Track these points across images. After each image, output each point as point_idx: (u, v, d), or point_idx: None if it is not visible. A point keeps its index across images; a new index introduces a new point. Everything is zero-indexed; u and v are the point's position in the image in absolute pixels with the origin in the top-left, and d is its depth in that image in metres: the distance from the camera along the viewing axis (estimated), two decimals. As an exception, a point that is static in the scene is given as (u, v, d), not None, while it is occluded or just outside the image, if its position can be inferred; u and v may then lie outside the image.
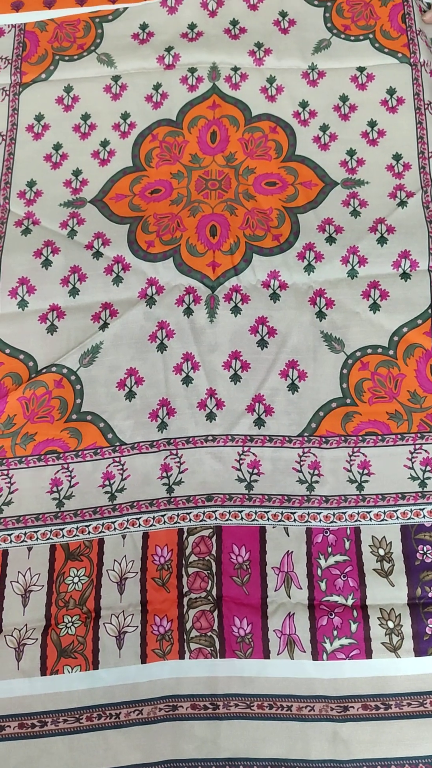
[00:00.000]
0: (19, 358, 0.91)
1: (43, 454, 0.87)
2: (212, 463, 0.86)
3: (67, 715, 0.77)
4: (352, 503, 0.83)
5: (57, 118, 1.03)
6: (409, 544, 0.81)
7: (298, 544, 0.82)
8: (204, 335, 0.91)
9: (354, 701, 0.76)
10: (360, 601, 0.79)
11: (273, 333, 0.90)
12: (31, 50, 1.06)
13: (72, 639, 0.79)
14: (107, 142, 1.01)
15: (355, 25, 1.04)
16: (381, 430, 0.85)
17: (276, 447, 0.86)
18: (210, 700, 0.77)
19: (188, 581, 0.81)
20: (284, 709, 0.76)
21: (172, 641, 0.79)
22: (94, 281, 0.94)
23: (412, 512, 0.82)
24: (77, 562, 0.83)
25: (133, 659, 0.78)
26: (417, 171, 0.96)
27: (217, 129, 1.00)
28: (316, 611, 0.79)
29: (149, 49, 1.05)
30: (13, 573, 0.83)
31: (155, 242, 0.95)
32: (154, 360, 0.90)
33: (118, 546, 0.83)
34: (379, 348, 0.89)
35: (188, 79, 1.03)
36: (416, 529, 0.82)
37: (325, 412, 0.87)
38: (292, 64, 1.03)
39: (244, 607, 0.80)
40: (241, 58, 1.03)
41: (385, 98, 1.00)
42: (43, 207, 0.98)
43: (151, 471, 0.86)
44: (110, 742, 0.76)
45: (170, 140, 1.00)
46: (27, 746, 0.77)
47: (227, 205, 0.96)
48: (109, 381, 0.90)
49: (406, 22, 1.03)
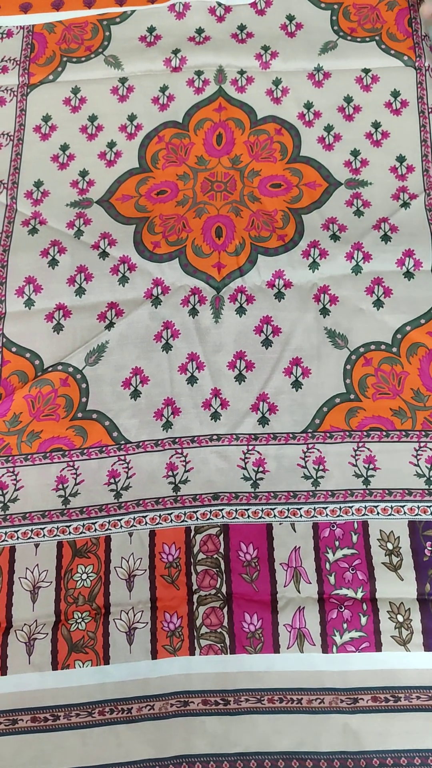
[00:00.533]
0: (25, 357, 0.92)
1: (48, 452, 0.87)
2: (217, 462, 0.86)
3: (80, 709, 0.77)
4: (358, 497, 0.83)
5: (64, 119, 1.03)
6: (418, 540, 0.82)
7: (306, 540, 0.82)
8: (209, 335, 0.91)
9: (364, 693, 0.76)
10: (369, 594, 0.80)
11: (277, 332, 0.91)
12: (39, 52, 1.06)
13: (83, 634, 0.80)
14: (114, 144, 1.01)
15: (361, 28, 1.05)
16: (385, 426, 0.86)
17: (280, 444, 0.86)
18: (221, 695, 0.77)
19: (197, 579, 0.81)
20: (294, 702, 0.77)
21: (182, 638, 0.79)
22: (100, 281, 0.94)
23: (419, 509, 0.83)
24: (84, 559, 0.83)
25: (144, 655, 0.79)
26: (420, 173, 0.97)
27: (223, 131, 1.01)
28: (326, 605, 0.79)
29: (156, 52, 1.05)
30: (21, 569, 0.83)
31: (161, 243, 0.95)
32: (159, 360, 0.91)
33: (125, 543, 0.83)
34: (383, 345, 0.89)
35: (195, 81, 1.03)
36: (424, 526, 0.82)
37: (328, 408, 0.87)
38: (298, 66, 1.04)
39: (254, 604, 0.80)
40: (248, 61, 1.04)
41: (389, 100, 1.01)
42: (50, 207, 0.99)
43: (156, 470, 0.86)
44: (122, 737, 0.76)
45: (176, 142, 1.00)
46: (40, 740, 0.77)
47: (232, 206, 0.96)
48: (114, 380, 0.90)
49: (413, 26, 1.04)
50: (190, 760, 0.75)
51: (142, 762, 0.75)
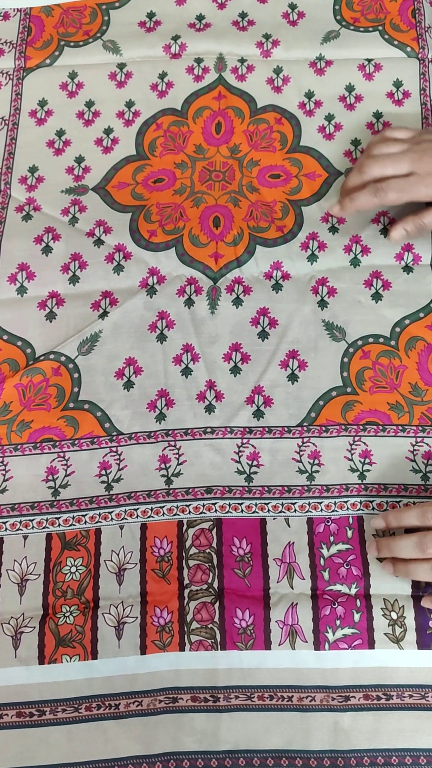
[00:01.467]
0: (16, 345, 0.90)
1: (38, 442, 0.86)
2: (211, 456, 0.85)
3: (66, 704, 0.76)
4: (354, 492, 0.82)
5: (60, 104, 1.02)
6: (413, 536, 0.80)
7: (300, 535, 0.81)
8: (204, 326, 0.90)
9: (355, 691, 0.75)
10: (364, 590, 0.79)
11: (274, 324, 0.90)
12: (36, 35, 1.05)
13: (70, 628, 0.78)
14: (111, 130, 1.00)
15: (364, 18, 1.03)
16: (382, 420, 0.85)
17: (275, 438, 0.85)
18: (210, 692, 0.76)
19: (189, 573, 0.80)
20: (285, 699, 0.75)
21: (172, 633, 0.78)
22: (94, 269, 0.93)
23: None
24: (74, 551, 0.81)
25: (133, 650, 0.77)
26: (421, 166, 0.96)
27: (222, 120, 0.99)
28: (320, 601, 0.78)
29: (156, 38, 1.04)
30: (9, 561, 0.82)
31: (157, 231, 0.94)
32: (153, 350, 0.89)
33: (115, 536, 0.82)
34: (381, 338, 0.88)
35: (194, 69, 1.02)
36: (419, 522, 0.81)
37: (325, 401, 0.86)
38: (299, 54, 1.02)
39: (246, 599, 0.79)
40: (249, 49, 1.03)
41: (391, 90, 1.00)
42: (44, 193, 0.97)
43: (148, 462, 0.85)
44: (109, 734, 0.75)
45: (175, 130, 0.99)
46: (25, 735, 0.76)
47: (231, 197, 0.95)
48: (107, 370, 0.89)
49: (416, 17, 1.03)
50: (178, 758, 0.74)
51: (129, 759, 0.74)
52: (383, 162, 0.87)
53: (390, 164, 0.86)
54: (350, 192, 0.90)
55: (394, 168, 0.86)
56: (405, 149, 0.87)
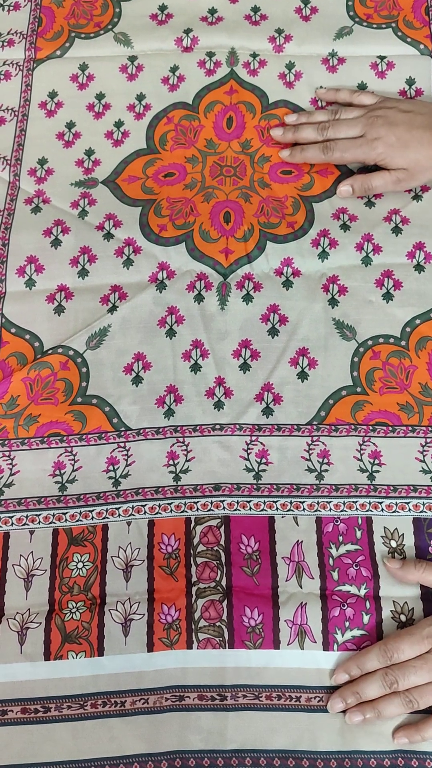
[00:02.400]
0: (24, 338, 0.89)
1: (46, 437, 0.85)
2: (219, 453, 0.84)
3: (71, 701, 0.75)
4: (363, 492, 0.82)
5: (71, 96, 1.01)
6: (422, 537, 0.80)
7: (308, 534, 0.81)
8: (214, 322, 0.89)
9: None
10: (373, 591, 0.78)
11: (284, 321, 0.89)
12: (46, 26, 1.04)
13: (77, 624, 0.78)
14: (121, 123, 0.99)
15: (377, 14, 1.03)
16: (392, 421, 0.84)
17: (284, 436, 0.85)
18: (218, 690, 0.75)
19: (197, 571, 0.79)
20: (293, 699, 0.75)
21: (179, 631, 0.77)
22: (104, 263, 0.92)
23: (424, 505, 0.81)
24: (81, 547, 0.81)
25: (139, 647, 0.77)
26: (433, 165, 0.95)
27: (234, 115, 0.99)
28: (329, 601, 0.78)
29: (167, 31, 1.03)
30: (15, 556, 0.81)
31: (168, 226, 0.93)
32: (162, 345, 0.89)
33: (122, 533, 0.81)
34: (391, 338, 0.88)
35: (206, 63, 1.01)
36: (428, 523, 0.81)
37: (334, 400, 0.86)
38: (312, 50, 1.02)
39: (255, 598, 0.78)
40: (261, 44, 1.02)
41: (403, 88, 0.99)
42: (54, 186, 0.97)
43: (156, 458, 0.84)
44: (115, 731, 0.74)
45: (185, 124, 0.99)
46: (30, 732, 0.75)
47: (242, 192, 0.95)
48: (115, 365, 0.88)
49: (429, 14, 1.02)
50: (184, 756, 0.73)
51: (134, 757, 0.73)
52: (337, 127, 0.93)
53: (344, 129, 0.93)
54: None
55: (347, 132, 0.93)
56: (362, 114, 0.93)
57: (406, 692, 0.72)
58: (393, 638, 0.74)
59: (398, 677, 0.72)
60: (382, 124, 0.91)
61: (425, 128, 0.90)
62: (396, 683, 0.72)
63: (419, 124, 0.90)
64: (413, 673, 0.72)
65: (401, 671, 0.72)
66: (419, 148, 0.90)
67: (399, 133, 0.90)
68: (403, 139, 0.90)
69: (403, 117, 0.91)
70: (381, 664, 0.74)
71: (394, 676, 0.72)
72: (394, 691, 0.72)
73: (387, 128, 0.90)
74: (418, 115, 0.91)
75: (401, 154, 0.90)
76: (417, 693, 0.72)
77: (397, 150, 0.90)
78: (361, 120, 0.92)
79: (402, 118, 0.91)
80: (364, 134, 0.91)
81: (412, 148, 0.90)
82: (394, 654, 0.73)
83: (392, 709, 0.72)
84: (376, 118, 0.91)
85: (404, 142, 0.90)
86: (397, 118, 0.91)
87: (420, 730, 0.72)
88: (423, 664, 0.72)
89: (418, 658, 0.73)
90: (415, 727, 0.73)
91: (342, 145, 0.92)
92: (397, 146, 0.90)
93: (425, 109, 0.92)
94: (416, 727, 0.73)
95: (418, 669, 0.72)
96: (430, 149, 0.90)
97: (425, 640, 0.73)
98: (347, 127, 0.93)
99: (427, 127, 0.90)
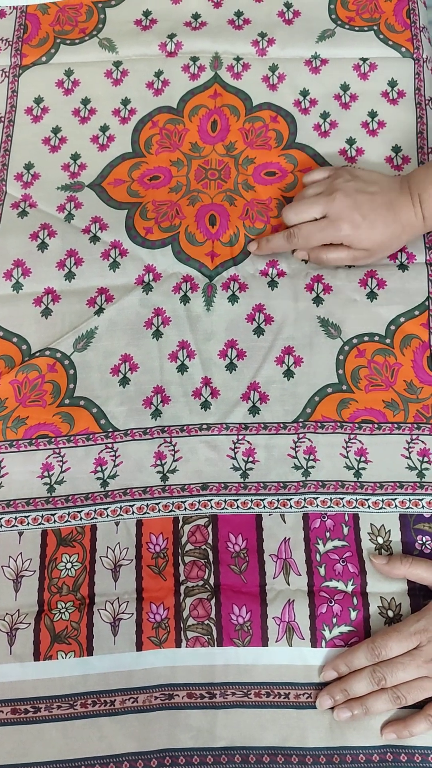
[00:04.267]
0: (12, 341, 0.89)
1: (34, 439, 0.84)
2: (207, 452, 0.83)
3: (61, 701, 0.74)
4: (349, 489, 0.81)
5: (57, 102, 1.00)
6: (408, 533, 0.79)
7: (296, 531, 0.80)
8: (200, 323, 0.89)
9: None
10: (360, 587, 0.77)
11: (270, 320, 0.88)
12: (32, 33, 1.03)
13: (66, 624, 0.77)
14: (107, 127, 0.99)
15: (359, 17, 1.02)
16: (377, 418, 0.84)
17: (271, 434, 0.84)
18: (207, 688, 0.74)
19: (185, 570, 0.78)
20: (282, 696, 0.74)
21: (168, 629, 0.76)
22: (90, 266, 0.92)
23: (410, 502, 0.80)
24: (69, 548, 0.80)
25: (129, 647, 0.76)
26: (416, 165, 0.95)
27: (218, 118, 0.98)
28: (316, 598, 0.77)
29: (151, 36, 1.02)
30: (4, 558, 0.80)
31: (153, 229, 0.93)
32: (149, 347, 0.88)
33: (111, 533, 0.81)
34: (376, 336, 0.87)
35: (190, 67, 1.01)
36: (415, 519, 0.80)
37: (320, 398, 0.85)
38: (295, 53, 1.01)
39: (243, 595, 0.77)
40: (244, 47, 1.01)
41: (386, 90, 0.99)
42: (40, 190, 0.96)
43: (144, 458, 0.84)
44: (105, 730, 0.73)
45: (170, 128, 0.98)
46: (20, 732, 0.74)
47: (226, 195, 0.94)
48: (103, 366, 0.87)
49: (411, 17, 1.01)
50: (174, 754, 0.72)
51: (124, 755, 0.72)
52: (298, 208, 0.88)
53: (305, 210, 0.87)
54: None
55: (309, 213, 0.87)
56: (320, 191, 0.88)
57: (394, 688, 0.72)
58: (380, 636, 0.73)
59: (386, 674, 0.71)
60: (343, 202, 0.85)
61: (387, 207, 0.85)
62: (384, 680, 0.71)
63: (381, 203, 0.86)
64: (401, 669, 0.71)
65: (389, 668, 0.72)
66: (384, 230, 0.86)
67: (364, 212, 0.85)
68: (369, 218, 0.84)
69: (363, 196, 0.86)
70: (369, 661, 0.73)
71: (381, 673, 0.71)
72: (382, 688, 0.72)
73: (350, 208, 0.85)
74: (378, 194, 0.86)
75: (368, 235, 0.85)
76: (405, 689, 0.71)
77: (363, 231, 0.85)
78: (321, 199, 0.87)
79: (363, 197, 0.86)
80: (327, 214, 0.86)
81: (378, 230, 0.85)
82: (381, 651, 0.72)
83: (380, 705, 0.71)
84: (335, 195, 0.85)
85: (370, 223, 0.85)
86: (358, 198, 0.85)
87: (408, 726, 0.71)
88: (410, 661, 0.71)
89: (406, 655, 0.72)
90: (403, 723, 0.72)
91: (305, 230, 0.87)
92: (363, 227, 0.85)
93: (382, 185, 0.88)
94: (404, 723, 0.72)
95: (405, 665, 0.71)
96: (393, 228, 0.86)
97: (412, 636, 0.72)
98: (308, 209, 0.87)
99: (388, 205, 0.86)
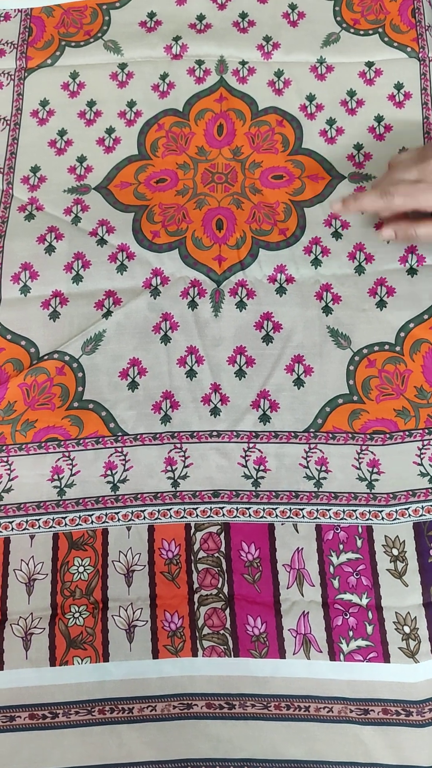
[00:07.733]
0: (20, 344, 0.86)
1: (43, 442, 0.82)
2: (217, 459, 0.82)
3: (79, 707, 0.73)
4: (362, 501, 0.79)
5: (62, 104, 0.97)
6: (422, 541, 0.78)
7: (309, 541, 0.78)
8: (208, 329, 0.86)
9: (374, 704, 0.72)
10: (375, 601, 0.76)
11: (278, 328, 0.86)
12: (37, 35, 1.00)
13: (81, 630, 0.75)
14: (113, 130, 0.96)
15: (364, 19, 0.99)
16: (389, 428, 0.82)
17: (282, 443, 0.82)
18: (226, 699, 0.73)
19: (198, 577, 0.77)
20: (302, 710, 0.72)
21: (184, 638, 0.75)
22: (98, 268, 0.89)
23: (423, 509, 0.79)
24: (81, 551, 0.78)
25: (144, 654, 0.74)
26: (424, 165, 0.92)
27: (224, 122, 0.95)
28: (331, 610, 0.75)
29: (157, 38, 0.99)
30: (16, 561, 0.78)
31: (160, 232, 0.90)
32: (157, 351, 0.86)
33: (123, 537, 0.79)
34: (386, 345, 0.85)
35: (195, 71, 0.98)
36: (428, 526, 0.78)
37: (331, 408, 0.83)
38: (300, 57, 0.98)
39: (257, 606, 0.76)
40: (249, 52, 0.98)
41: (392, 93, 0.96)
42: (47, 193, 0.93)
43: (154, 463, 0.82)
44: (124, 738, 0.72)
45: (176, 131, 0.95)
46: (39, 738, 0.72)
47: (233, 198, 0.91)
48: (111, 370, 0.85)
49: (416, 16, 0.98)
50: (195, 764, 0.71)
51: (144, 764, 0.71)
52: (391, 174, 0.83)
53: (399, 173, 0.81)
54: None
55: (403, 176, 0.81)
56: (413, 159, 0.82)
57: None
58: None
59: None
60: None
61: None
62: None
63: None
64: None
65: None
66: None
67: None
68: None
69: None
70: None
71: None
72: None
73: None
74: None
75: None
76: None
77: None
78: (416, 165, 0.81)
79: None
80: (423, 179, 0.79)
81: None
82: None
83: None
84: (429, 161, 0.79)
85: None
86: None
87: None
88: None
89: None
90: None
91: (403, 188, 0.79)
92: None
93: None
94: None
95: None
96: None
97: None
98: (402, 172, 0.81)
99: None
